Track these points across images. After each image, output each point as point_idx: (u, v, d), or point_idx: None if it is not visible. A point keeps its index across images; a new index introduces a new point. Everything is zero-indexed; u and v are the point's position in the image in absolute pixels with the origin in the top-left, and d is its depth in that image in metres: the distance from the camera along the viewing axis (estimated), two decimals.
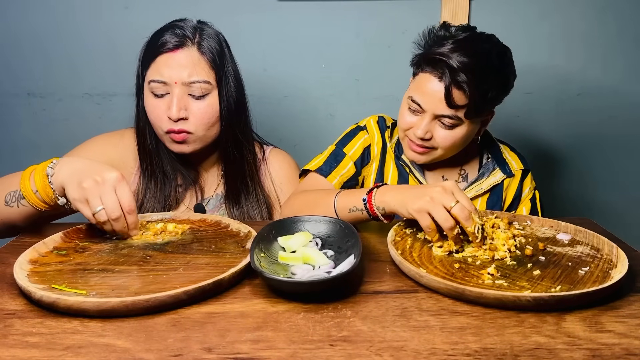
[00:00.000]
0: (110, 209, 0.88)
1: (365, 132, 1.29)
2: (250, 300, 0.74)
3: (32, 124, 1.74)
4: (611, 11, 1.66)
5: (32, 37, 1.67)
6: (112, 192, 0.89)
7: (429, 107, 1.12)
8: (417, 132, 1.15)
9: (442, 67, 1.09)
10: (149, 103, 1.15)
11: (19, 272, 0.76)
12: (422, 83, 1.14)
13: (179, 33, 1.13)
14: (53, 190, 0.93)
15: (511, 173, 1.26)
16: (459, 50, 1.08)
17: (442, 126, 1.14)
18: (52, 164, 0.94)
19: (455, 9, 1.64)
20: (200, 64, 1.13)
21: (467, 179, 1.28)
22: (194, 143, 1.16)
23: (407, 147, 1.20)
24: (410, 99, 1.15)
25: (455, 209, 0.86)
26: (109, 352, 0.61)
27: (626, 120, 1.76)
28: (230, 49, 1.20)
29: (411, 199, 0.90)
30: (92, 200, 0.88)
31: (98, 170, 0.90)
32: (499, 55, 1.11)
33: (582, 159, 1.79)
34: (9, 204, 0.97)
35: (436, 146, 1.17)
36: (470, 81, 1.07)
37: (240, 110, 1.21)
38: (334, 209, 1.04)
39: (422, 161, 1.20)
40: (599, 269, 0.82)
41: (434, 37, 1.15)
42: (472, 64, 1.07)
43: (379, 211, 0.97)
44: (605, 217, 1.79)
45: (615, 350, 0.62)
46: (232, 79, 1.18)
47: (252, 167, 1.26)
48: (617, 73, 1.71)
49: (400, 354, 0.61)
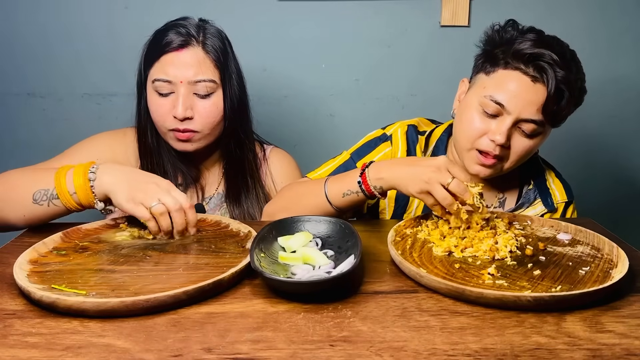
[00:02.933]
0: (172, 203, 0.91)
1: (389, 144, 1.16)
2: (250, 300, 0.74)
3: (32, 124, 1.74)
4: (612, 10, 1.66)
5: (32, 37, 1.67)
6: (169, 194, 0.92)
7: (515, 109, 0.99)
8: (496, 137, 1.00)
9: (540, 66, 0.98)
10: (152, 102, 1.15)
11: (18, 272, 0.76)
12: (505, 81, 1.01)
13: (183, 32, 1.13)
14: (94, 195, 0.94)
15: (553, 207, 1.15)
16: (549, 48, 0.98)
17: (521, 134, 1.02)
18: (94, 167, 0.95)
19: (455, 9, 1.64)
20: (205, 63, 1.13)
21: (504, 205, 1.18)
22: (198, 142, 1.17)
23: (474, 161, 1.06)
24: (488, 98, 1.01)
25: (452, 185, 0.88)
26: (108, 352, 0.61)
27: (627, 120, 1.76)
28: (232, 47, 1.21)
29: (410, 180, 0.91)
30: (149, 200, 0.91)
31: (151, 177, 0.95)
32: (578, 59, 1.04)
33: (582, 159, 1.79)
34: (37, 202, 0.96)
35: (507, 157, 1.04)
36: (569, 84, 0.98)
37: (243, 108, 1.22)
38: (324, 196, 1.00)
39: (488, 175, 1.07)
40: (600, 269, 0.82)
41: (505, 34, 1.04)
42: (568, 64, 0.98)
43: (376, 190, 0.95)
44: (605, 217, 1.78)
45: (615, 351, 0.62)
46: (235, 77, 1.18)
47: (253, 165, 1.26)
48: (619, 73, 1.71)
49: (400, 354, 0.61)
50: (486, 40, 1.09)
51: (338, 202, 1.00)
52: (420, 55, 1.70)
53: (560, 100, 1.00)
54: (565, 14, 1.66)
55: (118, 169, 0.96)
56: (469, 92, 1.08)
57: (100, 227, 1.00)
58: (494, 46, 1.06)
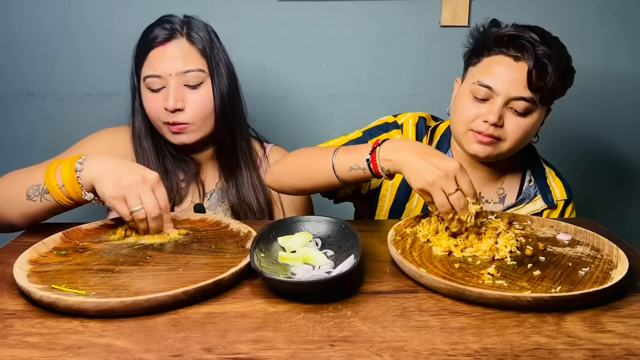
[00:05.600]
0: (151, 207, 0.90)
1: (399, 132, 1.19)
2: (250, 301, 0.74)
3: (32, 124, 1.74)
4: (612, 10, 1.66)
5: (32, 36, 1.67)
6: (151, 192, 0.91)
7: (503, 88, 1.04)
8: (489, 117, 1.05)
9: (520, 44, 1.02)
10: (146, 98, 1.17)
11: (18, 272, 0.76)
12: (491, 65, 1.06)
13: (168, 27, 1.15)
14: (81, 186, 0.93)
15: (553, 203, 1.17)
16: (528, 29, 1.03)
17: (514, 113, 1.06)
18: (81, 159, 0.94)
19: (455, 9, 1.64)
20: (191, 54, 1.15)
21: (504, 201, 1.19)
22: (193, 133, 1.18)
23: (471, 140, 1.09)
24: (477, 84, 1.06)
25: (453, 197, 0.85)
26: (108, 352, 0.61)
27: (627, 120, 1.76)
28: (220, 40, 1.22)
29: (416, 173, 0.87)
30: (131, 198, 0.89)
31: (137, 169, 0.92)
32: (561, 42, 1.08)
33: (582, 159, 1.79)
34: (31, 198, 0.96)
35: (504, 137, 1.08)
36: (551, 58, 1.01)
37: (233, 96, 1.22)
38: (331, 165, 0.99)
39: (487, 154, 1.09)
40: (599, 270, 0.82)
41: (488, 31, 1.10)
42: (548, 42, 1.02)
43: (383, 171, 0.94)
44: (605, 217, 1.79)
45: (615, 351, 0.62)
46: (223, 66, 1.19)
47: (247, 155, 1.27)
48: (618, 73, 1.71)
49: (400, 354, 0.61)
50: (471, 39, 1.14)
51: (343, 175, 0.98)
52: (420, 55, 1.70)
53: (545, 76, 1.03)
54: (565, 14, 1.66)
55: (105, 160, 0.94)
56: (461, 86, 1.13)
57: (100, 227, 1.00)
58: (478, 42, 1.12)
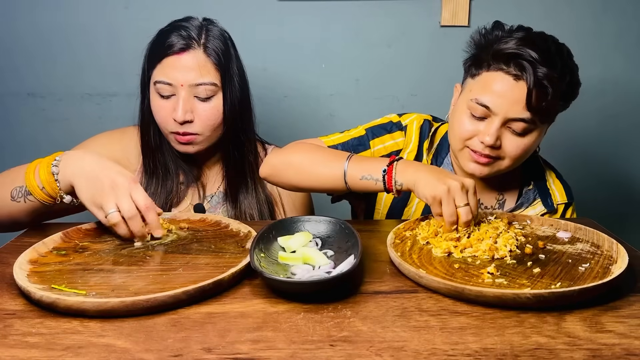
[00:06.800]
0: (126, 209, 0.87)
1: (403, 134, 1.16)
2: (250, 301, 0.74)
3: (32, 124, 1.74)
4: (612, 10, 1.66)
5: (32, 37, 1.67)
6: (127, 196, 0.88)
7: (501, 109, 1.00)
8: (485, 139, 1.02)
9: (520, 64, 0.98)
10: (154, 104, 1.16)
11: (18, 272, 0.76)
12: (489, 83, 1.02)
13: (185, 35, 1.13)
14: (59, 188, 0.92)
15: (553, 207, 1.15)
16: (530, 46, 0.98)
17: (512, 132, 1.02)
18: (56, 160, 0.92)
19: (455, 9, 1.64)
20: (206, 67, 1.13)
21: (503, 206, 1.18)
22: (199, 144, 1.17)
23: (468, 158, 1.07)
24: (474, 101, 1.02)
25: (462, 210, 0.87)
26: (108, 352, 0.61)
27: (626, 120, 1.76)
28: (235, 47, 1.21)
29: (431, 183, 0.88)
30: (106, 204, 0.87)
31: (109, 174, 0.89)
32: (568, 53, 1.04)
33: (580, 159, 1.79)
34: (15, 199, 0.96)
35: (503, 156, 1.05)
36: (552, 80, 0.97)
37: (244, 110, 1.22)
38: (343, 172, 0.98)
39: (485, 174, 1.07)
40: (599, 265, 0.82)
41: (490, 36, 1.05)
42: (551, 60, 0.97)
43: (396, 185, 0.93)
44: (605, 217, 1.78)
45: (615, 351, 0.62)
46: (237, 78, 1.18)
47: (253, 166, 1.26)
48: (618, 72, 1.71)
49: (400, 354, 0.61)
50: (472, 43, 1.09)
51: (353, 183, 0.98)
52: (420, 55, 1.70)
53: (545, 97, 0.99)
54: (564, 14, 1.66)
55: (80, 159, 0.92)
56: (460, 97, 1.10)
57: (100, 227, 0.99)
58: (479, 49, 1.07)
